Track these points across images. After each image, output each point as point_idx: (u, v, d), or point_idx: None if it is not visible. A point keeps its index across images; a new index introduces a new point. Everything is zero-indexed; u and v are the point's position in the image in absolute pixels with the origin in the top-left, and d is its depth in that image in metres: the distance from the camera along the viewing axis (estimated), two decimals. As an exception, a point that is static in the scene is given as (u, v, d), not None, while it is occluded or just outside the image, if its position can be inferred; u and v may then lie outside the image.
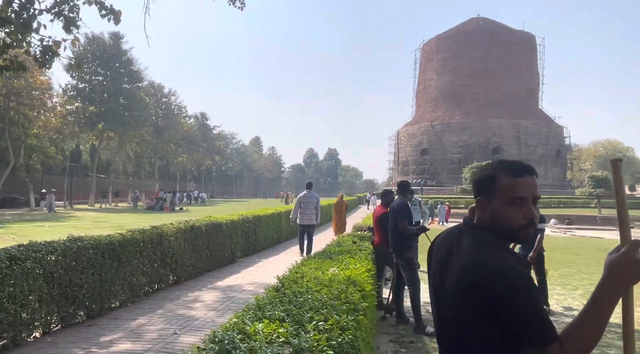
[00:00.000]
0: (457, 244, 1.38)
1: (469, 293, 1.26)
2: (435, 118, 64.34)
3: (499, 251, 1.31)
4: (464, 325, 1.29)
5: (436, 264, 1.45)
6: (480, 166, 27.95)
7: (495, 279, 1.23)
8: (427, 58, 68.78)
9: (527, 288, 1.22)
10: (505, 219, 1.33)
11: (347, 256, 4.26)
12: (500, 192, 1.34)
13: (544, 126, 60.98)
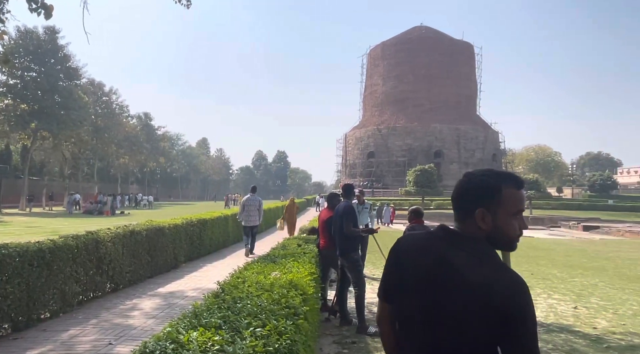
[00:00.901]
0: (458, 257, 1.32)
1: (491, 312, 1.22)
2: (381, 122, 65.92)
3: (509, 267, 1.34)
4: (470, 345, 1.25)
5: (422, 274, 1.35)
6: (423, 168, 29.10)
7: (524, 298, 1.24)
8: (373, 64, 70.41)
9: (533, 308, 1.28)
10: (508, 230, 1.35)
11: (291, 259, 4.27)
12: (505, 204, 1.35)
13: (481, 131, 64.28)
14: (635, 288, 8.36)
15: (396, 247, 1.47)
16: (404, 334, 1.39)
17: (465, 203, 1.39)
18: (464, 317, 1.24)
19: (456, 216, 1.42)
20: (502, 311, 1.21)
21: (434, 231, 1.44)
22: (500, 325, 1.21)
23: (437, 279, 1.31)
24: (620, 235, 25.85)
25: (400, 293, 1.40)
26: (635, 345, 4.96)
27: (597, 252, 14.40)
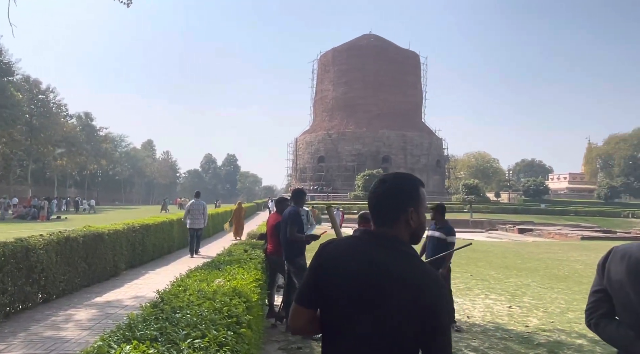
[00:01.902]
0: (386, 260, 1.35)
1: (420, 310, 1.28)
2: (331, 127, 66.63)
3: (429, 266, 1.42)
4: (403, 343, 1.31)
5: (353, 279, 1.35)
6: (371, 173, 29.72)
7: (444, 294, 1.34)
8: (324, 69, 71.12)
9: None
10: (425, 225, 1.48)
11: (236, 265, 4.21)
12: (422, 201, 1.46)
13: (426, 138, 66.61)
14: (563, 286, 8.96)
15: (322, 253, 1.46)
16: (334, 338, 1.40)
17: (392, 206, 1.44)
18: (398, 318, 1.29)
19: (379, 220, 1.45)
20: (430, 308, 1.29)
21: (359, 236, 1.46)
22: (426, 321, 1.28)
23: (369, 283, 1.32)
24: (550, 237, 27.66)
25: (329, 299, 1.40)
26: (561, 341, 5.31)
27: (530, 254, 15.31)
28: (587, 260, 13.51)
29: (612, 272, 1.73)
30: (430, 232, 5.95)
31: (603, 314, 1.76)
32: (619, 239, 25.20)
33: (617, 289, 1.70)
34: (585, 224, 40.63)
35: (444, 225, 5.93)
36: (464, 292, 8.27)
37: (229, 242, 9.40)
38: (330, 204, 44.84)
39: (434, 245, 5.82)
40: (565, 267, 12.03)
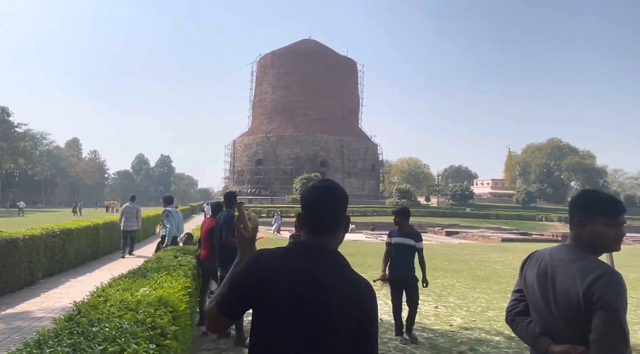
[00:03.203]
0: (319, 271, 1.34)
1: (354, 320, 1.32)
2: (270, 130, 66.33)
3: (360, 275, 1.43)
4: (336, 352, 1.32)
5: (287, 291, 1.33)
6: (309, 177, 29.89)
7: (375, 302, 1.39)
8: (263, 72, 70.73)
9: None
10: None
11: (165, 273, 4.06)
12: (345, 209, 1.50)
13: (362, 143, 68.32)
14: (484, 286, 9.55)
15: (254, 265, 1.40)
16: (267, 349, 1.37)
17: (338, 215, 1.43)
18: (333, 330, 1.29)
19: (322, 229, 1.41)
20: (363, 317, 1.31)
21: (291, 248, 1.42)
22: (358, 329, 1.31)
23: (303, 295, 1.31)
24: (474, 239, 29.43)
25: (262, 311, 1.37)
26: (481, 339, 5.64)
27: (456, 255, 16.17)
28: (506, 261, 14.50)
29: (527, 274, 1.87)
30: (396, 239, 5.52)
31: (519, 313, 1.90)
32: (534, 241, 27.36)
33: (529, 290, 1.84)
34: (505, 227, 43.77)
35: (411, 231, 5.58)
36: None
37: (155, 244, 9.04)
38: (268, 206, 44.56)
39: (402, 253, 5.45)
40: (487, 268, 12.83)
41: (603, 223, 1.71)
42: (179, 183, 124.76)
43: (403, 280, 5.48)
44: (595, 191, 1.89)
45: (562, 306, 1.67)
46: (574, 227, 1.78)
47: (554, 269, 1.73)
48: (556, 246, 1.85)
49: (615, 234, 1.73)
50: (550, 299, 1.72)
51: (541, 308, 1.76)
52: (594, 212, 1.73)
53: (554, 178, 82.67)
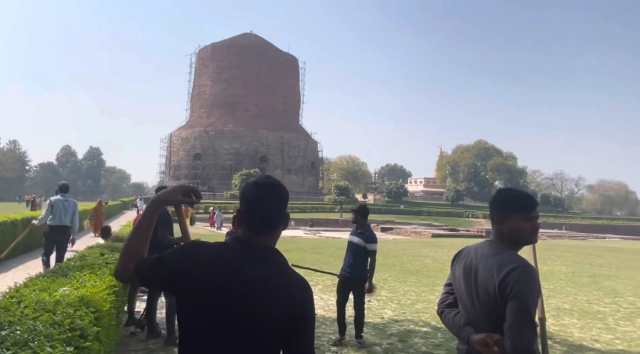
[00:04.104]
0: (255, 268, 1.33)
1: (288, 316, 1.31)
2: (209, 124, 64.72)
3: (296, 272, 1.42)
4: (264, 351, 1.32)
5: (219, 287, 1.31)
6: (248, 173, 29.60)
7: (312, 299, 1.38)
8: (202, 64, 68.80)
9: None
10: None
11: (88, 271, 3.86)
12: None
13: (303, 140, 68.62)
14: (415, 280, 9.99)
15: (185, 250, 1.38)
16: (194, 346, 1.35)
17: (282, 212, 1.43)
18: (259, 323, 1.29)
19: (264, 226, 1.39)
20: (295, 314, 1.31)
21: (229, 243, 1.40)
22: (290, 326, 1.31)
23: (227, 288, 1.30)
24: (407, 235, 30.63)
25: (188, 305, 1.34)
26: (410, 330, 5.91)
27: (390, 251, 16.76)
28: (435, 255, 15.25)
29: (456, 269, 1.99)
30: (351, 237, 5.38)
31: (448, 305, 2.02)
32: (461, 236, 28.98)
33: (457, 283, 1.96)
34: (435, 223, 46.02)
35: (365, 230, 5.34)
36: (331, 288, 8.72)
37: (90, 239, 8.55)
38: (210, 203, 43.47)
39: (353, 252, 5.27)
40: (418, 262, 13.42)
41: (520, 218, 1.83)
42: (110, 177, 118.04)
43: (350, 280, 5.27)
44: (511, 189, 2.02)
45: (482, 297, 1.78)
46: (495, 224, 1.90)
47: (477, 263, 1.84)
48: (481, 242, 1.96)
49: (531, 228, 1.85)
50: (473, 292, 1.82)
51: (466, 300, 1.88)
52: (511, 209, 1.85)
53: (480, 177, 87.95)
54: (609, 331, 6.08)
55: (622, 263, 14.36)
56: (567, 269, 12.52)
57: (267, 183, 1.43)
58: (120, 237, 7.77)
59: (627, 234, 42.39)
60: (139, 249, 1.41)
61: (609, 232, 44.99)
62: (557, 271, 12.02)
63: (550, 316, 6.77)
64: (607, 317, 6.87)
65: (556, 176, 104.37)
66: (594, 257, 15.94)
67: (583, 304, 7.79)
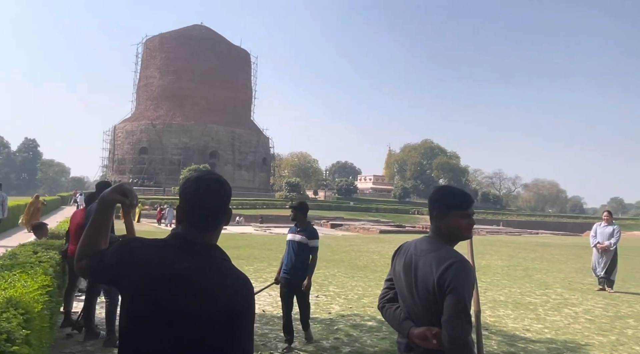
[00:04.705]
0: (196, 265, 1.31)
1: (227, 315, 1.28)
2: (156, 117, 62.58)
3: (238, 270, 1.40)
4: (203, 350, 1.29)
5: (158, 284, 1.29)
6: (198, 168, 29.01)
7: (253, 297, 1.37)
8: (149, 55, 66.32)
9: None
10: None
11: (19, 271, 3.63)
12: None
13: (254, 136, 67.93)
14: (362, 275, 10.20)
15: (125, 256, 1.35)
16: (133, 345, 1.32)
17: (225, 209, 1.41)
18: (204, 321, 1.27)
19: (200, 224, 1.37)
20: (237, 311, 1.29)
21: (169, 240, 1.37)
22: (231, 325, 1.29)
23: (173, 288, 1.28)
24: (356, 231, 31.20)
25: (129, 303, 1.33)
26: (357, 324, 6.03)
27: (339, 247, 17.00)
28: (382, 251, 15.62)
29: (396, 264, 2.03)
30: (291, 235, 5.10)
31: (389, 300, 2.05)
32: (407, 232, 29.87)
33: (397, 279, 2.00)
34: (383, 219, 47.16)
35: (306, 227, 5.08)
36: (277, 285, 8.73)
37: (24, 235, 8.03)
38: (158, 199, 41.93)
39: (294, 251, 5.00)
40: (365, 258, 13.71)
41: (458, 215, 1.90)
42: (47, 171, 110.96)
43: (291, 282, 4.97)
44: (448, 186, 2.10)
45: (421, 292, 1.83)
46: (433, 220, 1.95)
47: (416, 259, 1.88)
48: (420, 238, 2.02)
49: (468, 224, 1.93)
50: (413, 287, 1.87)
51: (406, 295, 1.92)
52: (449, 206, 1.91)
53: (426, 176, 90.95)
54: (539, 320, 6.51)
55: (553, 257, 15.39)
56: (503, 263, 13.25)
57: (210, 179, 1.40)
58: (57, 234, 7.35)
59: (558, 230, 45.34)
60: (92, 245, 1.42)
61: (541, 228, 47.85)
62: (494, 265, 12.69)
63: (487, 307, 7.15)
64: (538, 308, 7.34)
65: (495, 175, 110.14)
66: (528, 252, 16.96)
67: (517, 296, 8.28)
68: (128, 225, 1.59)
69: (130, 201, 1.44)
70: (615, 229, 9.11)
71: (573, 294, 8.57)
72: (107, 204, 1.45)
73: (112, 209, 1.47)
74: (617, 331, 6.05)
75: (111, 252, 1.37)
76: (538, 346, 5.25)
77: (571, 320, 6.58)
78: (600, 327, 6.22)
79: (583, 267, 12.15)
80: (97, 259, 1.38)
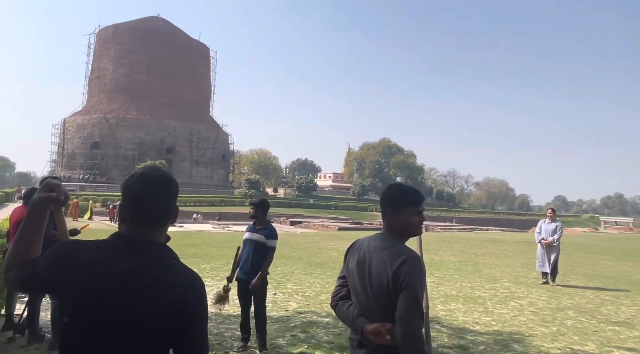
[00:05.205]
0: (138, 264, 1.26)
1: (175, 314, 1.25)
2: (109, 111, 60.27)
3: (188, 268, 1.36)
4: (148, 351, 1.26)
5: (96, 286, 1.23)
6: (154, 164, 27.98)
7: (204, 294, 1.33)
8: (103, 46, 63.70)
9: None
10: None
11: (-45, 272, 3.41)
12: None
13: (213, 132, 66.74)
14: (320, 272, 10.28)
15: (62, 261, 1.28)
16: (75, 346, 1.27)
17: (171, 207, 1.37)
18: (149, 322, 1.23)
19: (145, 222, 1.32)
20: (186, 310, 1.25)
21: (111, 240, 1.32)
22: (182, 324, 1.25)
23: (116, 289, 1.23)
24: (315, 228, 31.35)
25: (62, 302, 1.28)
26: (313, 321, 6.06)
27: (297, 244, 17.02)
28: (340, 248, 15.79)
29: (350, 261, 2.03)
30: (249, 234, 4.89)
31: (342, 297, 2.06)
32: (365, 229, 30.31)
33: (350, 276, 2.01)
34: (342, 217, 47.71)
35: (265, 226, 4.88)
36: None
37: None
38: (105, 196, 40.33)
39: (252, 251, 4.79)
40: (324, 255, 13.81)
41: (411, 212, 1.93)
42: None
43: (248, 281, 4.77)
44: (400, 184, 2.13)
45: (375, 288, 1.84)
46: (386, 217, 1.97)
47: (370, 256, 1.90)
48: (373, 235, 2.03)
49: (419, 221, 1.97)
50: (367, 284, 1.88)
51: (359, 292, 1.93)
52: (402, 203, 1.95)
53: (384, 174, 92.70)
54: (487, 313, 6.80)
55: (501, 253, 16.10)
56: (455, 258, 13.73)
57: (156, 175, 1.35)
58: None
59: (506, 227, 47.48)
60: (22, 255, 1.33)
61: (491, 225, 49.84)
62: (447, 260, 13.13)
63: (439, 302, 7.41)
64: (487, 301, 7.67)
65: (449, 174, 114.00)
66: (478, 248, 17.64)
67: (467, 290, 8.61)
68: (60, 225, 1.50)
69: (58, 196, 1.36)
70: (558, 226, 9.66)
71: (519, 288, 9.01)
72: (37, 207, 1.36)
73: (44, 213, 1.37)
74: (558, 322, 6.43)
75: (47, 258, 1.29)
76: (486, 338, 5.50)
77: (517, 312, 6.93)
78: (543, 318, 6.59)
79: (529, 262, 12.79)
80: (29, 269, 1.29)
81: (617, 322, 6.54)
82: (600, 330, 6.05)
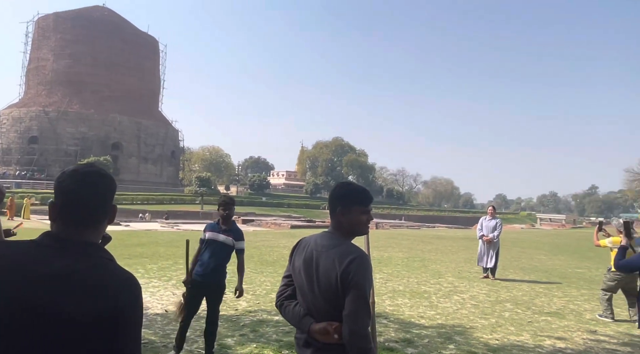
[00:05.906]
0: (69, 265, 1.18)
1: (113, 318, 1.17)
2: (49, 104, 56.92)
3: (120, 269, 1.28)
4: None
5: (38, 292, 1.15)
6: (98, 160, 26.81)
7: (137, 297, 1.24)
8: (42, 34, 60.00)
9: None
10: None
11: None
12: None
13: (162, 128, 64.69)
14: (271, 270, 10.27)
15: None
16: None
17: (107, 205, 1.31)
18: (79, 327, 1.15)
19: (79, 222, 1.26)
20: (120, 315, 1.18)
21: (40, 240, 1.24)
22: (116, 328, 1.19)
23: (50, 291, 1.15)
24: (268, 226, 31.18)
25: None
26: (263, 320, 6.06)
27: (249, 242, 16.81)
28: (292, 246, 15.82)
29: (296, 260, 2.03)
30: (212, 234, 4.49)
31: (287, 297, 2.04)
32: (317, 227, 30.54)
33: (296, 274, 1.99)
34: (295, 214, 47.79)
35: (232, 227, 4.58)
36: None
37: None
38: (41, 192, 38.04)
39: (214, 252, 4.45)
40: (275, 253, 13.80)
41: (359, 211, 1.94)
42: None
43: (206, 285, 4.44)
44: (349, 183, 2.13)
45: (323, 287, 1.83)
46: (335, 216, 1.97)
47: (318, 254, 1.89)
48: (320, 233, 2.04)
49: (367, 220, 1.99)
50: (314, 282, 1.87)
51: (306, 291, 1.91)
52: (352, 202, 1.95)
53: (336, 172, 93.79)
54: (432, 307, 7.08)
55: (446, 249, 16.77)
56: (403, 255, 14.15)
57: (89, 171, 1.29)
58: None
59: (452, 224, 49.45)
60: None
61: (438, 222, 51.70)
62: (395, 257, 13.51)
63: (387, 297, 7.62)
64: (432, 296, 7.98)
65: (399, 173, 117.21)
66: (425, 244, 18.28)
67: (414, 285, 8.91)
68: None
69: None
70: (498, 223, 10.20)
71: (462, 282, 9.44)
72: None
73: None
74: (496, 314, 6.81)
75: None
76: (430, 332, 5.73)
77: (459, 306, 7.26)
78: (483, 311, 6.95)
79: (471, 257, 13.41)
80: None
81: (550, 313, 7.02)
82: (534, 321, 6.47)
